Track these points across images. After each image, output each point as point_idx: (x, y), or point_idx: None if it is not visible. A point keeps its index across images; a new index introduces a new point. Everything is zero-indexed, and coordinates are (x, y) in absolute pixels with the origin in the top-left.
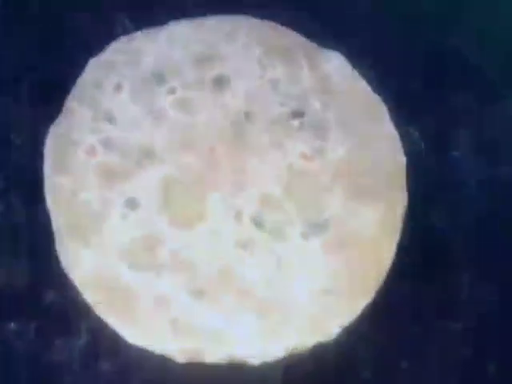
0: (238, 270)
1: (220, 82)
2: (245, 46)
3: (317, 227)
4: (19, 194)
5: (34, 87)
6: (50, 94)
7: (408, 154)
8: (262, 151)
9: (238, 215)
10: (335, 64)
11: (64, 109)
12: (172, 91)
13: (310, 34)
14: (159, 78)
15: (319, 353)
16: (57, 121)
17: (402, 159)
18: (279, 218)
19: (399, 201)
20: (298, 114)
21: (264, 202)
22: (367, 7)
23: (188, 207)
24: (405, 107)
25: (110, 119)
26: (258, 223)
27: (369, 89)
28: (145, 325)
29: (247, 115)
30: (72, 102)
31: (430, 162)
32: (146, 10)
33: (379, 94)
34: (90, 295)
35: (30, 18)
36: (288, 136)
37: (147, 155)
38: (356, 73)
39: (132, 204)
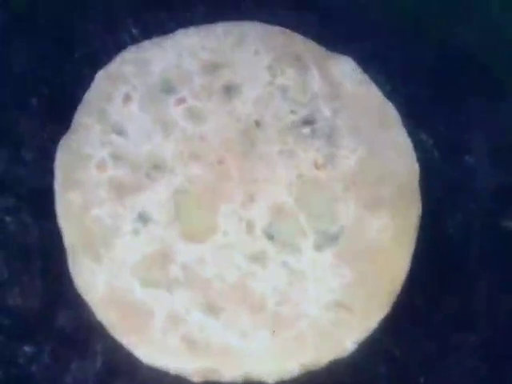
0: (251, 285)
1: (229, 90)
2: (254, 53)
3: (329, 238)
4: (31, 210)
5: (44, 101)
6: (59, 108)
7: (421, 160)
8: (272, 160)
9: (250, 227)
10: (345, 69)
11: (73, 123)
12: (181, 101)
13: (319, 39)
14: (168, 87)
15: (335, 369)
16: (66, 135)
17: (415, 167)
18: (291, 229)
19: (413, 211)
20: (308, 122)
21: (276, 213)
22: (377, 11)
23: (199, 220)
24: (416, 112)
25: (120, 131)
26: (269, 235)
27: (380, 94)
28: (159, 344)
29: (257, 123)
30: (81, 116)
31: (443, 168)
32: (152, 18)
33: (390, 99)
34: (104, 315)
35: (36, 33)
36: (299, 144)
37: (157, 167)
38: (367, 77)
39: (144, 219)
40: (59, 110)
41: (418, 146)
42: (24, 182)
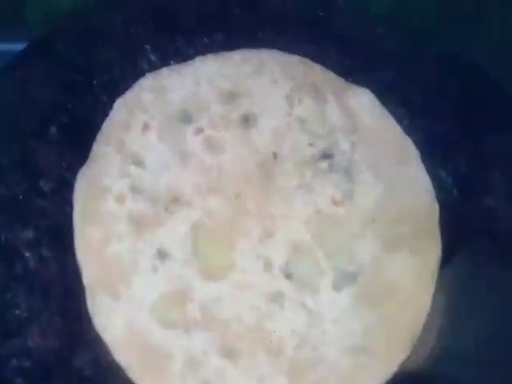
0: (269, 327)
1: (247, 120)
2: (272, 82)
3: (348, 277)
4: (51, 244)
5: (62, 130)
6: (78, 136)
7: (439, 199)
8: (290, 195)
9: (268, 265)
10: (364, 101)
11: (92, 152)
12: (199, 131)
13: (338, 68)
14: (186, 116)
15: None
16: (85, 166)
17: (435, 206)
18: (309, 268)
19: (433, 250)
20: (326, 156)
21: (293, 251)
22: (396, 41)
23: (217, 257)
24: (435, 147)
25: (139, 162)
26: (287, 274)
27: (398, 128)
28: None
29: (275, 156)
30: (100, 146)
31: (462, 207)
32: (170, 45)
33: (408, 133)
34: (122, 356)
35: (55, 61)
36: (316, 178)
37: (176, 200)
38: (385, 111)
39: (162, 255)
40: (78, 139)
41: (437, 183)
42: (43, 215)
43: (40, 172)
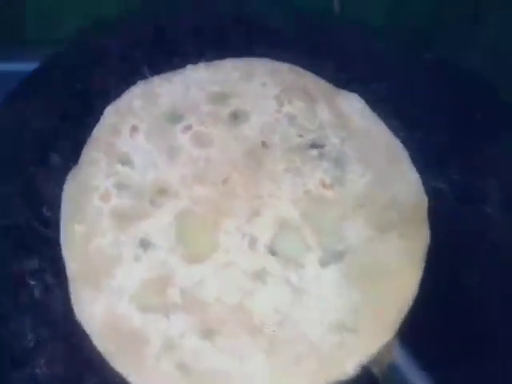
0: (251, 306)
1: (236, 117)
2: (261, 86)
3: (336, 255)
4: (54, 272)
5: (63, 157)
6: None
7: (434, 208)
8: (278, 177)
9: (253, 243)
10: (354, 105)
11: (81, 158)
12: (188, 128)
13: (330, 82)
14: (175, 116)
15: None
16: (73, 170)
17: (424, 197)
18: (295, 244)
19: (421, 237)
20: (316, 145)
21: (280, 227)
22: (390, 54)
23: (202, 239)
24: (431, 159)
25: (126, 162)
26: (273, 251)
27: (388, 131)
28: (154, 372)
29: (264, 144)
30: (89, 151)
31: (458, 216)
32: (166, 65)
33: (405, 143)
34: (102, 344)
35: (53, 90)
36: (306, 164)
37: (162, 192)
38: (375, 115)
39: (145, 244)
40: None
41: (433, 192)
42: (47, 242)
43: (42, 198)
